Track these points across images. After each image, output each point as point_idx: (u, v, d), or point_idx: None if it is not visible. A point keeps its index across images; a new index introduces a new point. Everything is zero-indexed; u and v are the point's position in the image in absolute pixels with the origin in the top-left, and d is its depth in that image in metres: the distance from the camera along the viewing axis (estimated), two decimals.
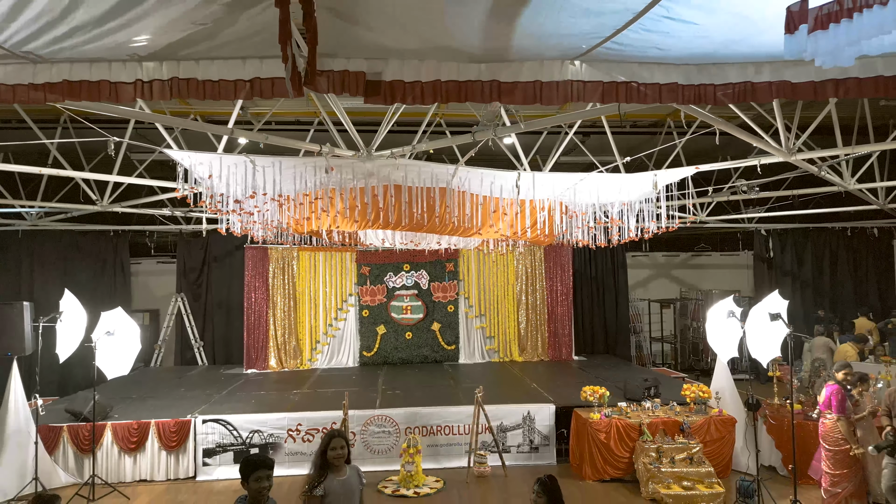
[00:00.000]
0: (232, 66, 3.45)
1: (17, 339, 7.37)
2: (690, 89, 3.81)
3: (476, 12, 2.71)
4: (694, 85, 3.81)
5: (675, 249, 15.72)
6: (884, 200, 11.17)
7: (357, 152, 6.52)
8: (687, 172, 7.23)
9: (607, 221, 7.56)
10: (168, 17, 2.81)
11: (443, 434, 8.08)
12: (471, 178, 7.03)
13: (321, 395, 9.33)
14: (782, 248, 14.36)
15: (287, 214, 7.30)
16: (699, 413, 7.71)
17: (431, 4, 2.69)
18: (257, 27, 3.01)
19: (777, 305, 6.01)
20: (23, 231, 12.62)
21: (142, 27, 2.89)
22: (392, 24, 2.93)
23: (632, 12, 2.69)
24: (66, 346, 7.18)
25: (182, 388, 10.06)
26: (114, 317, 7.24)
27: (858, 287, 14.28)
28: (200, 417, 7.86)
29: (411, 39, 3.15)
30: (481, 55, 3.34)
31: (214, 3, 2.70)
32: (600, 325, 13.94)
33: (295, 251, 12.24)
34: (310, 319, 12.32)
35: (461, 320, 12.65)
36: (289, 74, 2.96)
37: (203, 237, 13.23)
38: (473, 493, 7.14)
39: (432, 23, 2.89)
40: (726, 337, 6.69)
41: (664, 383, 9.05)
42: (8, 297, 12.65)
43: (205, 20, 2.84)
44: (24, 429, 7.30)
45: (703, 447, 7.23)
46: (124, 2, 2.63)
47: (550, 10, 2.64)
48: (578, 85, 3.63)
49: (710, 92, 3.80)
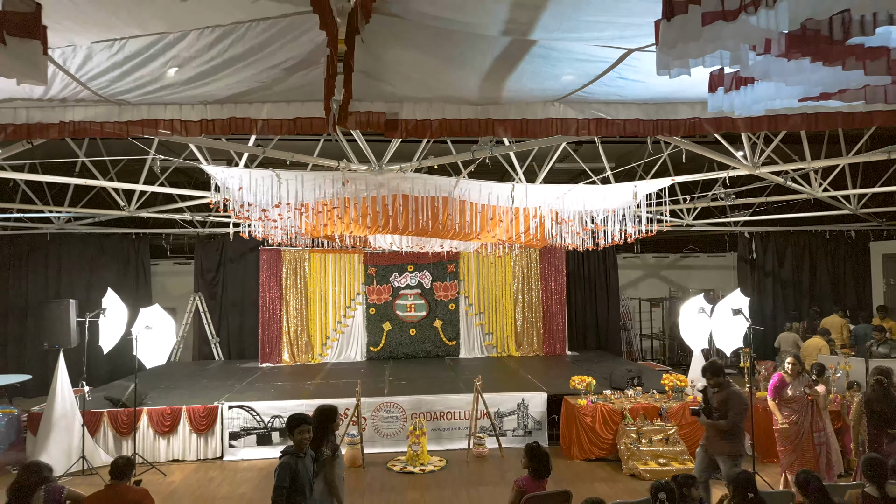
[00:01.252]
0: (280, 108, 4.29)
1: (63, 333, 8.22)
2: (650, 123, 4.66)
3: (472, 76, 3.54)
4: (653, 120, 4.66)
5: (665, 251, 16.55)
6: (856, 206, 12.03)
7: (370, 166, 7.37)
8: (664, 183, 8.08)
9: (593, 227, 8.40)
10: (238, 79, 3.64)
11: (445, 419, 8.92)
12: (470, 189, 7.88)
13: (333, 385, 10.18)
14: (764, 250, 15.21)
15: (306, 221, 8.15)
16: (676, 399, 8.55)
17: (438, 71, 3.53)
18: (303, 82, 3.85)
19: (739, 302, 6.85)
20: (51, 234, 13.45)
21: (216, 85, 3.74)
22: (408, 81, 3.77)
23: (591, 76, 3.52)
24: (109, 339, 8.03)
25: (204, 379, 10.91)
26: (152, 312, 8.09)
27: (836, 286, 15.13)
28: (227, 404, 8.71)
29: (422, 91, 3.99)
30: (477, 101, 4.19)
31: (276, 68, 3.53)
32: (592, 322, 14.79)
33: (306, 253, 13.09)
34: (320, 317, 13.17)
35: (462, 317, 13.51)
36: (329, 118, 3.82)
37: (218, 240, 14.10)
38: (473, 471, 7.99)
39: (438, 82, 3.73)
40: (697, 330, 7.53)
41: (648, 374, 9.91)
42: (37, 294, 13.53)
43: (265, 79, 3.68)
44: (69, 414, 8.12)
45: (679, 429, 8.08)
46: (208, 70, 3.46)
47: (531, 76, 3.47)
48: (557, 122, 4.48)
49: (665, 126, 4.65)
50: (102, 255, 13.92)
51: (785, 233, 15.08)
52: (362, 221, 8.00)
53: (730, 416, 5.51)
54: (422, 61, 3.38)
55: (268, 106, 4.29)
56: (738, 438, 5.61)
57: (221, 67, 3.41)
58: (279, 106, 4.31)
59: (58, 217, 12.91)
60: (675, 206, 12.05)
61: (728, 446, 5.53)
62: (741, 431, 5.65)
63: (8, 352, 13.43)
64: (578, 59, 3.18)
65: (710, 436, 5.72)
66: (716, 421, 5.61)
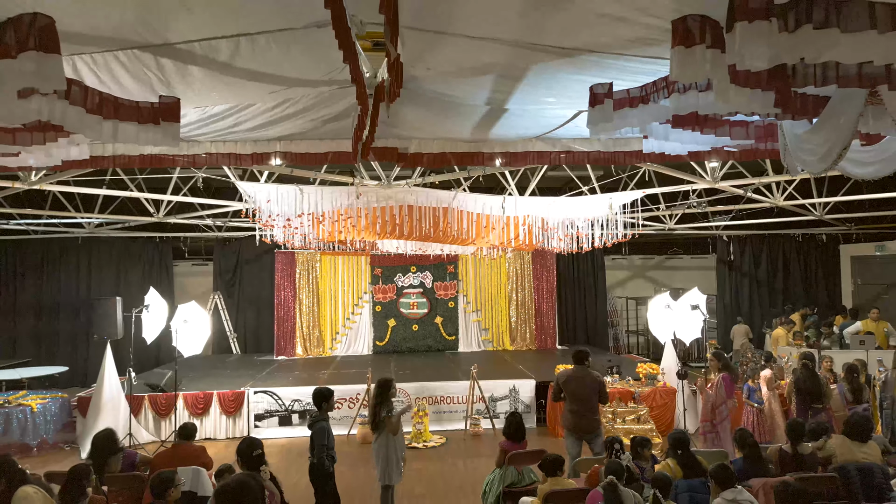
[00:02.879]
0: (314, 144, 5.44)
1: (110, 326, 9.36)
2: (609, 154, 5.81)
3: (465, 125, 4.68)
4: (611, 151, 5.82)
5: (651, 253, 17.69)
6: (821, 213, 13.20)
7: (380, 181, 8.53)
8: (636, 195, 9.23)
9: (574, 233, 9.56)
10: (286, 127, 4.78)
11: (445, 403, 10.08)
12: (467, 200, 9.04)
13: (344, 374, 11.34)
14: (741, 252, 16.37)
15: (322, 228, 9.30)
16: (649, 385, 9.70)
17: (438, 122, 4.66)
18: (336, 128, 5.00)
19: (696, 298, 8.01)
20: (82, 238, 14.61)
21: (269, 131, 4.89)
22: (413, 128, 4.93)
23: (554, 126, 4.66)
24: (152, 331, 9.19)
25: (227, 369, 12.08)
26: (189, 308, 9.25)
27: (808, 286, 16.29)
28: (252, 389, 9.87)
29: (426, 134, 5.15)
30: (470, 140, 5.34)
31: (316, 120, 4.68)
32: (581, 319, 15.95)
33: (318, 255, 14.25)
34: (330, 313, 14.34)
35: (460, 314, 14.68)
36: (355, 155, 4.99)
37: (236, 243, 15.26)
38: (469, 447, 9.15)
39: (439, 128, 4.88)
40: (663, 324, 8.69)
41: (626, 364, 11.07)
42: (69, 293, 14.69)
43: (307, 126, 4.82)
44: (116, 397, 9.27)
45: (650, 411, 9.22)
46: (266, 122, 4.60)
47: (509, 126, 4.60)
48: (535, 154, 5.63)
49: (620, 156, 5.80)
50: (129, 257, 15.07)
51: (761, 236, 16.23)
52: (372, 228, 9.15)
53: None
54: (426, 116, 4.52)
55: (305, 143, 5.45)
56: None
57: (277, 121, 4.56)
58: (314, 143, 5.47)
59: (89, 222, 14.08)
60: (658, 212, 13.24)
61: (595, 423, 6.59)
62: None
63: (42, 346, 14.57)
64: (543, 117, 4.32)
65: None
66: None
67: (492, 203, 8.98)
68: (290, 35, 2.73)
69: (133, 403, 9.51)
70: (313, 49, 2.88)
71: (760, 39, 2.07)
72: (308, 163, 5.56)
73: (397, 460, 5.80)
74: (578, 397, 6.61)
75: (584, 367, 6.74)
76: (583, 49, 2.84)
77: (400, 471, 5.85)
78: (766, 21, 2.06)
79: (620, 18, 2.41)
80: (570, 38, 2.71)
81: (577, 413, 6.62)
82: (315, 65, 3.20)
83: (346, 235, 9.75)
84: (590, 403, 6.64)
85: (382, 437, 5.73)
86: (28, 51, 2.08)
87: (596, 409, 6.73)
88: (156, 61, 2.86)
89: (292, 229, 9.27)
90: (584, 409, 6.64)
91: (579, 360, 6.77)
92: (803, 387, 6.85)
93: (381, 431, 5.74)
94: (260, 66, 3.10)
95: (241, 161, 5.52)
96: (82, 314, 14.59)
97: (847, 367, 7.11)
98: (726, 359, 7.57)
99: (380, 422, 5.70)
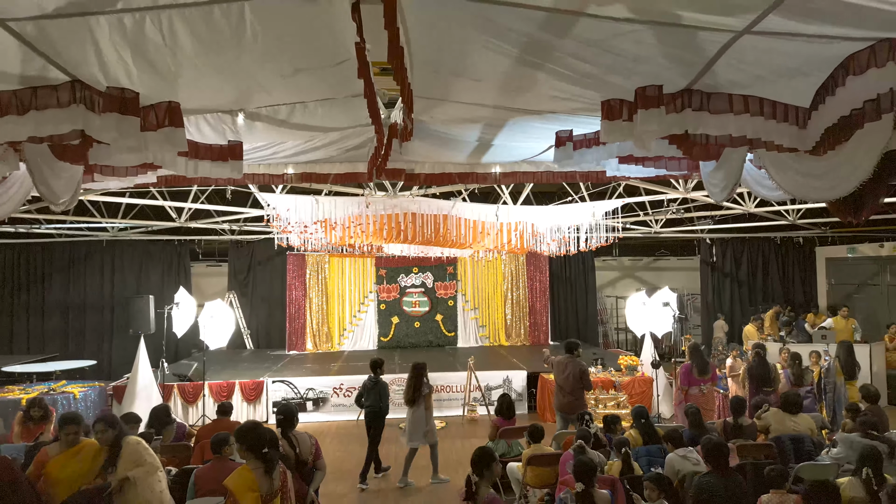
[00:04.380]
0: (335, 166, 6.47)
1: (144, 321, 10.40)
2: (584, 174, 6.86)
3: (461, 154, 5.71)
4: (585, 172, 6.86)
5: (639, 254, 18.74)
6: (794, 218, 14.23)
7: (387, 192, 9.57)
8: (616, 204, 10.27)
9: (560, 237, 10.61)
10: (313, 156, 5.83)
11: (445, 392, 11.11)
12: (464, 209, 10.09)
13: (353, 366, 12.38)
14: (723, 254, 17.41)
15: (334, 233, 10.34)
16: (629, 375, 10.75)
17: (439, 152, 5.72)
18: (353, 155, 6.05)
19: (667, 296, 9.05)
20: (106, 241, 15.65)
21: (298, 157, 5.93)
22: (419, 154, 5.97)
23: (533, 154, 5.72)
24: (181, 326, 10.23)
25: (244, 363, 13.13)
26: (215, 306, 10.29)
27: (786, 286, 17.34)
28: (270, 379, 10.91)
29: (429, 159, 6.20)
30: (465, 163, 6.39)
31: (339, 150, 5.71)
32: (573, 316, 17.00)
33: (326, 257, 15.30)
34: (338, 311, 15.40)
35: (459, 312, 15.73)
36: (370, 176, 6.04)
37: (249, 246, 16.30)
38: (466, 430, 10.19)
39: (439, 155, 5.93)
40: (639, 319, 9.73)
41: (611, 357, 12.11)
42: (95, 292, 15.73)
43: (332, 154, 5.87)
44: (148, 385, 10.30)
45: (630, 398, 10.26)
46: (298, 152, 5.64)
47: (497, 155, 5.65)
48: (521, 174, 6.67)
49: (593, 175, 6.84)
50: (150, 259, 16.11)
51: (742, 239, 17.27)
52: (380, 234, 10.20)
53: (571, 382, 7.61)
54: (429, 147, 5.56)
55: (327, 165, 6.50)
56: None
57: (307, 152, 5.61)
58: (335, 165, 6.51)
59: (113, 226, 15.10)
60: (645, 216, 14.28)
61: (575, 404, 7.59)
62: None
63: (69, 342, 15.61)
64: (522, 149, 5.38)
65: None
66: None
67: (487, 211, 10.02)
68: (333, 101, 3.76)
69: (164, 391, 10.57)
70: (349, 110, 3.90)
71: (653, 119, 3.10)
72: (330, 182, 6.60)
73: (426, 429, 7.30)
74: (563, 380, 7.67)
75: (572, 356, 7.81)
76: (545, 111, 3.87)
77: (424, 434, 7.32)
78: (656, 108, 3.10)
79: (567, 98, 3.43)
80: (535, 106, 3.74)
81: (561, 393, 7.71)
82: (347, 118, 4.24)
83: (356, 240, 10.79)
84: (572, 387, 7.69)
85: (419, 410, 7.24)
86: (164, 127, 3.10)
87: (578, 392, 7.78)
88: (232, 119, 3.90)
89: (307, 235, 10.32)
90: (566, 391, 7.70)
91: (569, 350, 7.86)
92: (755, 373, 7.89)
93: (417, 405, 7.21)
94: (307, 122, 4.13)
95: (274, 180, 6.57)
96: (106, 312, 15.66)
97: (791, 354, 8.16)
98: (698, 351, 8.53)
99: (418, 397, 6.92)
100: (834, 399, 7.96)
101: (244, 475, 3.55)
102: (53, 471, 4.59)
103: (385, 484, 7.63)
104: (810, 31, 2.56)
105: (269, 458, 3.57)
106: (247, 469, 3.57)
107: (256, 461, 3.55)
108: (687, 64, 2.90)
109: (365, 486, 7.46)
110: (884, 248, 14.78)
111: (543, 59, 2.88)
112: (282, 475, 3.75)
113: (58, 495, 4.52)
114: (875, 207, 4.11)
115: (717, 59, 2.81)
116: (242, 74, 3.07)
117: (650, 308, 9.16)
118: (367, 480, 7.55)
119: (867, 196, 3.92)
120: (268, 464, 3.55)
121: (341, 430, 10.07)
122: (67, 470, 4.61)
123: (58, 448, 4.70)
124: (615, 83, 3.13)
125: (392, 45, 2.57)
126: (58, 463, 4.62)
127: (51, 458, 4.63)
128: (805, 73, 2.91)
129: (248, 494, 3.50)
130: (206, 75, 2.98)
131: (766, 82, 3.04)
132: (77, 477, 4.62)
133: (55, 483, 4.56)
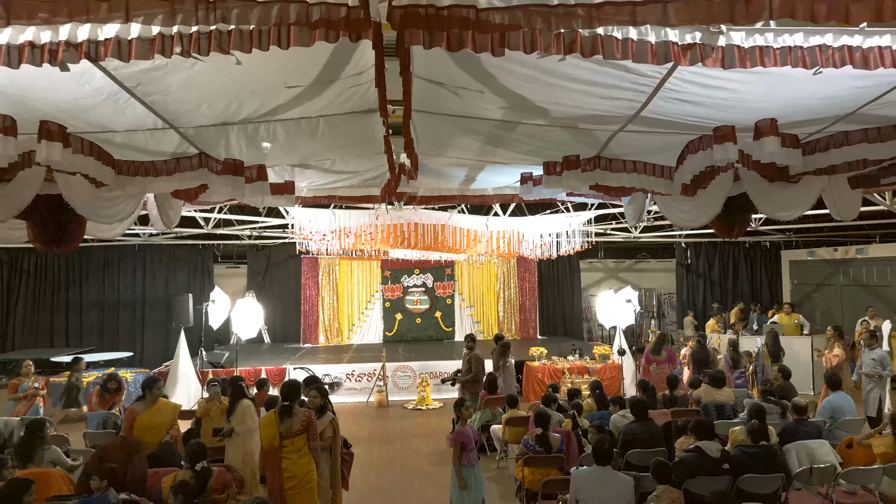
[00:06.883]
0: (353, 190, 8.16)
1: (183, 316, 12.10)
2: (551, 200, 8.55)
3: (453, 182, 7.43)
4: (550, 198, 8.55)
5: (622, 257, 20.36)
6: (756, 224, 15.90)
7: (393, 206, 11.28)
8: (590, 215, 11.96)
9: (542, 244, 12.29)
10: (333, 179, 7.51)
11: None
12: (459, 220, 11.79)
13: (362, 356, 14.08)
14: (697, 257, 19.09)
15: (348, 240, 12.02)
16: (602, 363, 12.42)
17: (437, 182, 7.43)
18: (368, 181, 7.73)
19: (629, 294, 10.72)
20: (138, 245, 17.33)
21: (329, 186, 7.63)
22: (420, 183, 7.68)
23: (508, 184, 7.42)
24: (216, 319, 11.92)
25: (265, 354, 14.82)
26: (246, 302, 11.98)
27: (754, 286, 19.01)
28: (292, 366, 12.60)
29: (430, 185, 7.90)
30: (458, 189, 8.08)
31: (357, 178, 7.40)
32: (560, 314, 18.67)
33: (337, 260, 16.99)
34: (347, 309, 17.10)
35: (456, 310, 17.43)
36: (383, 199, 7.75)
37: (266, 250, 17.98)
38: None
39: (437, 185, 7.65)
40: (609, 314, 11.41)
41: (587, 348, 13.79)
42: (127, 292, 17.40)
43: (354, 183, 7.56)
44: (188, 372, 11.97)
45: (602, 382, 11.92)
46: (334, 181, 7.33)
47: (481, 184, 7.36)
48: (501, 196, 8.38)
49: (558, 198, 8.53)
50: (176, 261, 17.79)
51: (714, 243, 18.95)
52: (387, 240, 11.89)
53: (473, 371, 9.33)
54: (428, 178, 7.27)
55: (346, 189, 8.19)
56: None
57: (339, 181, 7.32)
58: (353, 189, 8.21)
59: (145, 232, 16.77)
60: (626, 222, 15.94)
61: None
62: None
63: (104, 337, 17.28)
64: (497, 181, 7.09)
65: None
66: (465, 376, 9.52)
67: (478, 222, 11.72)
68: (361, 156, 5.49)
69: (202, 377, 12.23)
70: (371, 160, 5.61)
71: (575, 176, 4.80)
72: (345, 202, 8.31)
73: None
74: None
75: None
76: (510, 162, 5.57)
77: None
78: (576, 169, 4.80)
79: (520, 159, 5.13)
80: (502, 160, 5.45)
81: None
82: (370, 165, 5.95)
83: (366, 245, 12.48)
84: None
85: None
86: (256, 181, 4.80)
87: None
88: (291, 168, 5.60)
89: (325, 241, 12.01)
90: None
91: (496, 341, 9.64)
92: (696, 357, 9.58)
93: None
94: (343, 168, 5.85)
95: (304, 201, 8.27)
96: (138, 309, 17.35)
97: (728, 341, 9.84)
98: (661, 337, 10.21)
99: None
100: (762, 377, 9.64)
101: (268, 416, 5.17)
102: (144, 422, 6.18)
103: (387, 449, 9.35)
104: (659, 131, 4.26)
105: (283, 410, 5.08)
106: (273, 413, 5.15)
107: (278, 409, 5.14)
108: (591, 145, 4.60)
109: None
110: (837, 252, 16.44)
111: (500, 144, 4.58)
112: (303, 421, 5.13)
113: (146, 441, 6.05)
114: (743, 228, 5.83)
115: (608, 143, 4.52)
116: (308, 150, 4.77)
117: (616, 304, 10.84)
118: None
119: (736, 222, 5.66)
120: (282, 412, 5.07)
121: (354, 409, 11.75)
122: (153, 421, 6.18)
123: (143, 406, 6.26)
124: (550, 154, 4.83)
125: (406, 136, 4.27)
126: (145, 418, 6.21)
127: (138, 414, 6.20)
128: (666, 150, 4.61)
129: (267, 430, 5.09)
130: (287, 152, 4.67)
131: (644, 153, 4.75)
132: (159, 426, 6.25)
133: (144, 432, 6.13)
